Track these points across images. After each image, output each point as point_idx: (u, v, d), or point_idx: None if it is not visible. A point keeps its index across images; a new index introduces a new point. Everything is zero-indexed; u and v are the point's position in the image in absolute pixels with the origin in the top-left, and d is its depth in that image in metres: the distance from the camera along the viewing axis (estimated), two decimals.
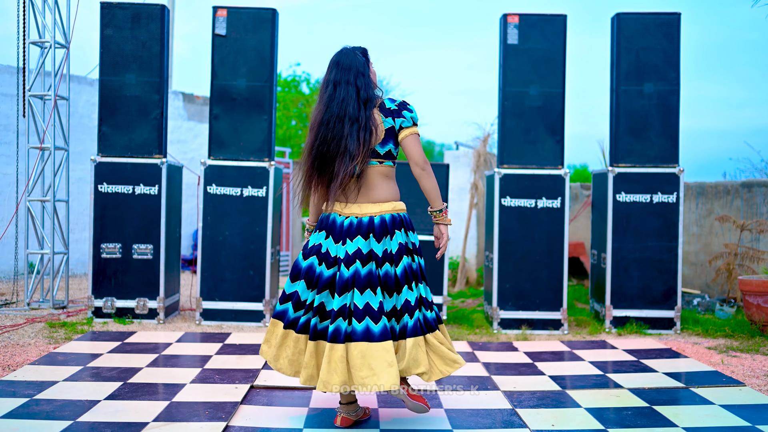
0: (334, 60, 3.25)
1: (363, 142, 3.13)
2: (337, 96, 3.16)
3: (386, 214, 3.19)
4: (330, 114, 3.16)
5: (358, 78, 3.19)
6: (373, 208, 3.19)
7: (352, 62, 3.21)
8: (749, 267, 6.44)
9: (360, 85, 3.18)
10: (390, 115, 3.20)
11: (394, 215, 3.21)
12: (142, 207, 5.86)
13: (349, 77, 3.18)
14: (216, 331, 5.53)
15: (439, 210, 3.27)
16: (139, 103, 5.88)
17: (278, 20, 5.97)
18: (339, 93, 3.17)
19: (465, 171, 9.54)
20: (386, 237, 3.17)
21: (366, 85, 3.19)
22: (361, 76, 3.19)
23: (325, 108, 3.19)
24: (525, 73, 5.86)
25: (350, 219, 3.18)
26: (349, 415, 3.31)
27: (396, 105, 3.22)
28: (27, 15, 6.24)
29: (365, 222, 3.16)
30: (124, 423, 3.24)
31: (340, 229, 3.18)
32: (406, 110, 3.22)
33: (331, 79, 3.21)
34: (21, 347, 4.77)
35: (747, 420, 3.42)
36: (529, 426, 3.34)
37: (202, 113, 10.54)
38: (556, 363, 4.67)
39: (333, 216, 3.22)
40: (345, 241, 3.16)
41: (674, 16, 5.83)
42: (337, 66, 3.21)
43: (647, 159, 5.84)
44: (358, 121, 3.14)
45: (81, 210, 8.76)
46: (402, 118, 3.20)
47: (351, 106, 3.15)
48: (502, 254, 5.83)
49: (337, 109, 3.16)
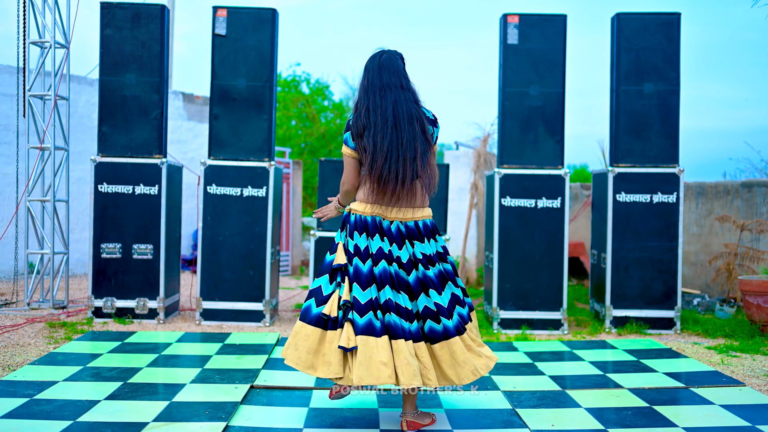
0: (380, 63, 3.23)
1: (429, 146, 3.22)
2: (398, 99, 3.18)
3: (428, 220, 3.29)
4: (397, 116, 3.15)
5: (409, 83, 3.26)
6: (416, 213, 3.26)
7: (398, 67, 3.24)
8: (749, 267, 6.44)
9: (413, 90, 3.25)
10: (431, 124, 3.28)
11: (431, 221, 3.32)
12: (142, 207, 5.86)
13: (401, 81, 3.22)
14: (216, 331, 5.53)
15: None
16: (139, 103, 5.88)
17: (278, 20, 5.97)
18: (399, 96, 3.19)
19: (465, 171, 9.54)
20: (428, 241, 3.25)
21: (416, 91, 3.26)
22: (408, 82, 3.26)
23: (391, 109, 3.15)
24: (525, 73, 5.86)
25: (396, 223, 3.22)
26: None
27: (432, 116, 3.31)
28: (27, 15, 6.25)
29: (411, 226, 3.24)
30: (124, 423, 3.25)
31: (389, 232, 3.21)
32: (438, 124, 3.32)
33: (385, 82, 3.19)
34: (21, 347, 4.78)
35: (747, 420, 3.42)
36: (529, 426, 3.34)
37: (202, 113, 10.54)
38: (556, 363, 4.67)
39: (377, 219, 3.22)
40: (402, 245, 3.20)
41: (674, 16, 5.83)
42: (388, 71, 3.22)
43: (647, 159, 5.84)
44: (422, 125, 3.20)
45: (81, 210, 8.76)
46: (437, 129, 3.30)
47: (414, 109, 3.19)
48: (502, 254, 5.83)
49: (405, 112, 3.17)
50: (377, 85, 3.20)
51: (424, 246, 3.24)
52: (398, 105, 3.17)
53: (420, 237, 3.24)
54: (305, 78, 20.22)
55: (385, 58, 3.25)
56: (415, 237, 3.23)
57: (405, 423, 3.25)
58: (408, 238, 3.22)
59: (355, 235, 3.21)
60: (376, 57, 3.26)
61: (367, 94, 3.21)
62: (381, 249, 3.18)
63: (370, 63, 3.26)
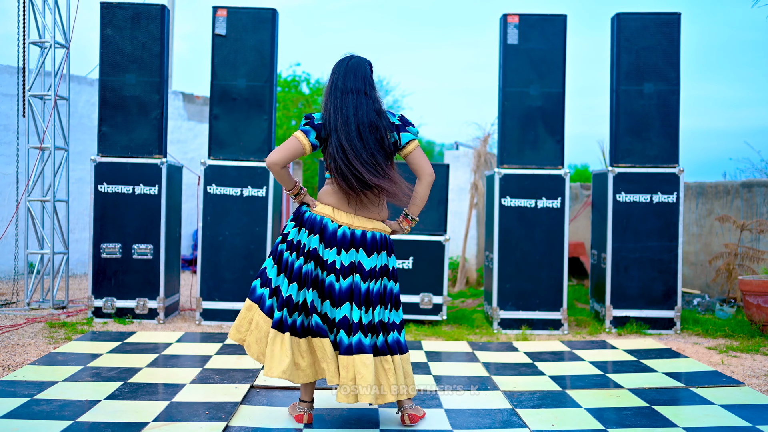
0: (347, 67, 3.22)
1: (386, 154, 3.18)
2: (359, 104, 3.16)
3: (377, 232, 3.23)
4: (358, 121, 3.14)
5: (373, 90, 3.22)
6: (366, 223, 3.22)
7: (365, 73, 3.22)
8: (749, 267, 6.44)
9: (376, 98, 3.21)
10: (394, 130, 3.23)
11: (384, 235, 3.26)
12: (142, 207, 5.86)
13: (365, 87, 3.19)
14: (216, 331, 5.53)
15: (413, 218, 3.33)
16: (139, 103, 5.88)
17: (278, 20, 5.97)
18: (361, 102, 3.17)
19: (465, 171, 9.54)
20: (375, 254, 3.20)
21: (379, 99, 3.23)
22: (373, 89, 3.22)
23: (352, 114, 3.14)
24: (525, 73, 5.86)
25: (343, 228, 3.18)
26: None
27: (398, 119, 3.26)
28: (27, 15, 6.25)
29: (358, 235, 3.18)
30: (124, 423, 3.25)
31: (333, 236, 3.17)
32: (410, 125, 3.27)
33: (349, 86, 3.17)
34: (21, 347, 4.78)
35: (747, 420, 3.42)
36: (529, 426, 3.34)
37: (202, 113, 10.54)
38: (556, 363, 4.67)
39: (324, 220, 3.19)
40: (340, 250, 3.16)
41: (674, 16, 5.83)
42: (354, 75, 3.20)
43: (647, 159, 5.84)
44: (380, 134, 3.17)
45: (81, 210, 8.76)
46: (406, 132, 3.24)
47: (374, 117, 3.17)
48: (502, 254, 5.83)
49: (365, 117, 3.15)
50: (340, 88, 3.18)
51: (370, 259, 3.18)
52: (359, 110, 3.15)
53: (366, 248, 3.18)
54: (305, 78, 20.23)
55: (353, 63, 3.23)
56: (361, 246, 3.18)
57: (407, 417, 3.28)
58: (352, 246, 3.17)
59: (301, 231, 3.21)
60: (344, 61, 3.25)
61: (330, 96, 3.20)
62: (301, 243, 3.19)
63: (337, 66, 3.24)
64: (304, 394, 3.35)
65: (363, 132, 3.14)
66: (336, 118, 3.15)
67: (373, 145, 3.15)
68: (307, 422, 3.31)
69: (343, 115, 3.14)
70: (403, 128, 3.24)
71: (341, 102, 3.16)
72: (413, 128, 3.27)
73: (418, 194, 3.27)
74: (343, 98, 3.16)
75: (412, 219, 3.33)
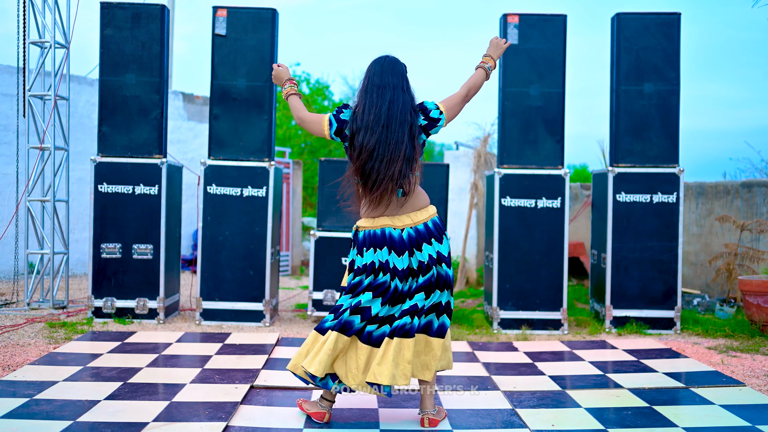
0: (383, 65, 3.26)
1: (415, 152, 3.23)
2: (395, 99, 3.19)
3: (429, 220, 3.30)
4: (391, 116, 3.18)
5: (409, 87, 3.28)
6: (420, 215, 3.28)
7: (402, 70, 3.28)
8: (749, 267, 6.44)
9: (412, 95, 3.27)
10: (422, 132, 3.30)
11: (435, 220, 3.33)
12: (142, 207, 5.86)
13: (402, 83, 3.24)
14: (216, 331, 5.53)
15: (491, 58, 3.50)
16: (139, 103, 5.88)
17: (278, 20, 5.97)
18: (397, 97, 3.20)
19: (465, 171, 9.54)
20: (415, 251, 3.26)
21: (414, 97, 3.29)
22: (409, 86, 3.28)
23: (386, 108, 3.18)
24: (525, 73, 5.87)
25: (407, 230, 3.24)
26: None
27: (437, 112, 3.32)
28: (27, 15, 6.25)
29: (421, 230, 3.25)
30: (124, 423, 3.25)
31: (401, 242, 3.23)
32: (425, 101, 3.33)
33: (386, 81, 3.21)
34: (21, 347, 4.78)
35: (747, 420, 3.43)
36: (529, 426, 3.34)
37: (202, 113, 10.54)
38: (556, 363, 4.67)
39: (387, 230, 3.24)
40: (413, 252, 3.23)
41: (674, 16, 5.83)
42: (392, 72, 3.24)
43: (647, 159, 5.84)
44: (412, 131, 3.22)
45: (81, 210, 8.76)
46: (428, 110, 3.30)
47: (409, 114, 3.21)
48: (502, 254, 5.83)
49: (398, 113, 3.18)
50: (377, 83, 3.23)
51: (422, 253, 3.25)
52: (393, 105, 3.18)
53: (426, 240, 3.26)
54: (305, 78, 20.24)
55: (390, 61, 3.29)
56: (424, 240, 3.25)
57: (427, 420, 3.31)
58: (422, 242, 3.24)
59: (363, 251, 3.27)
60: (380, 59, 3.30)
61: (366, 92, 3.24)
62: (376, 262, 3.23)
63: (373, 65, 3.30)
64: (328, 393, 3.37)
65: (393, 126, 3.17)
66: (368, 113, 3.18)
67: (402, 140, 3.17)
68: (326, 421, 3.34)
69: (376, 111, 3.18)
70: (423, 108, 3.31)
71: (377, 98, 3.20)
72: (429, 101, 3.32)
73: (476, 86, 3.43)
74: (379, 93, 3.20)
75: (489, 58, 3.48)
